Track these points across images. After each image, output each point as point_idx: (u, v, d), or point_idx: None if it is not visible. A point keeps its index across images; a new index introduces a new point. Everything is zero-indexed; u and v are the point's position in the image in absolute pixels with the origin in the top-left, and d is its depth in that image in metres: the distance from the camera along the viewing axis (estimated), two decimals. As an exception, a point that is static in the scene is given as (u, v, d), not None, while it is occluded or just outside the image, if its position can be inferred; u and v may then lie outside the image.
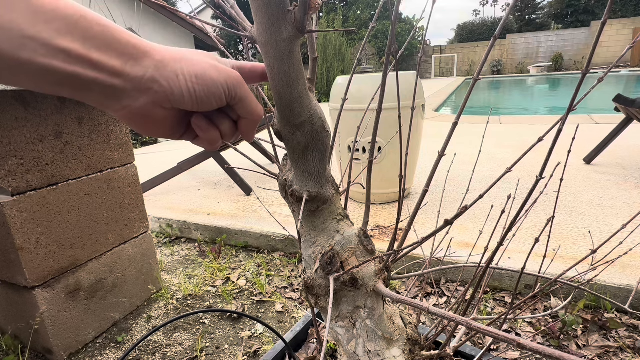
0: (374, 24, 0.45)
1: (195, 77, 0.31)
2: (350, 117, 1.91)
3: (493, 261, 0.49)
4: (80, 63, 0.25)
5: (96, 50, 0.25)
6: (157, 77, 0.29)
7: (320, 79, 9.92)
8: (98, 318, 1.27)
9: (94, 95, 0.27)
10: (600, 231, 1.56)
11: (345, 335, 0.51)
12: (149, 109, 0.30)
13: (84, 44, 0.25)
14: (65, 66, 0.24)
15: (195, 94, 0.31)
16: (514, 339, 0.31)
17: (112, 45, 0.26)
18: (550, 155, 0.39)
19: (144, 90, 0.29)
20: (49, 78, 0.24)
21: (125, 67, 0.27)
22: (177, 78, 0.30)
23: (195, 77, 0.31)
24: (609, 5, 0.33)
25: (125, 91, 0.28)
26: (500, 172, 2.35)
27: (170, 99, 0.30)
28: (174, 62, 0.30)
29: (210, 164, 2.96)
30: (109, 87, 0.27)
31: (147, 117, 0.31)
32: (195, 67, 0.31)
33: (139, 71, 0.28)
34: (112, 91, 0.27)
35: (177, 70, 0.30)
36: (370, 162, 0.51)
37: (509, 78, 15.02)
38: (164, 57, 0.30)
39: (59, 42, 0.24)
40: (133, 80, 0.28)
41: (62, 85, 0.25)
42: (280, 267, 1.67)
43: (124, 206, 1.34)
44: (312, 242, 0.50)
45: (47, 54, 0.23)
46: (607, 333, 1.12)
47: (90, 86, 0.26)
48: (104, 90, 0.27)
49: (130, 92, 0.28)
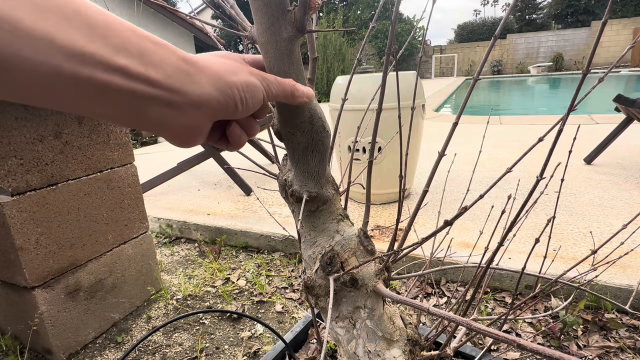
0: (374, 23, 0.44)
1: (245, 86, 0.30)
2: (350, 117, 1.91)
3: (493, 261, 0.49)
4: (139, 81, 0.24)
5: (153, 67, 0.25)
6: (213, 92, 0.28)
7: (320, 79, 9.92)
8: (98, 318, 1.27)
9: (150, 115, 0.26)
10: (601, 231, 1.56)
11: (345, 336, 0.51)
12: (199, 124, 0.29)
13: (141, 61, 0.24)
14: (124, 83, 0.23)
15: (245, 104, 0.31)
16: (514, 340, 0.31)
17: (165, 61, 0.25)
18: (550, 156, 0.39)
19: (200, 106, 0.28)
20: (106, 97, 0.23)
21: (183, 84, 0.26)
22: (231, 91, 0.29)
23: (245, 86, 0.30)
24: (610, 5, 0.33)
25: (182, 108, 0.27)
26: (500, 172, 2.35)
27: (224, 113, 0.30)
28: (227, 75, 0.29)
29: (210, 164, 2.96)
30: (166, 105, 0.26)
31: (194, 131, 0.29)
32: (242, 77, 0.30)
33: (196, 89, 0.27)
34: (168, 110, 0.26)
35: (231, 84, 0.29)
36: (370, 162, 0.51)
37: (509, 78, 15.01)
38: (217, 71, 0.29)
39: (116, 59, 0.23)
40: (191, 97, 0.27)
41: (117, 105, 0.24)
42: (280, 268, 1.67)
43: (124, 206, 1.34)
44: (312, 242, 0.50)
45: (106, 71, 0.22)
46: (607, 333, 1.12)
47: (148, 105, 0.25)
48: (160, 109, 0.26)
49: (186, 109, 0.27)
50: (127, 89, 0.24)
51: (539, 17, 22.39)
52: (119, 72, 0.23)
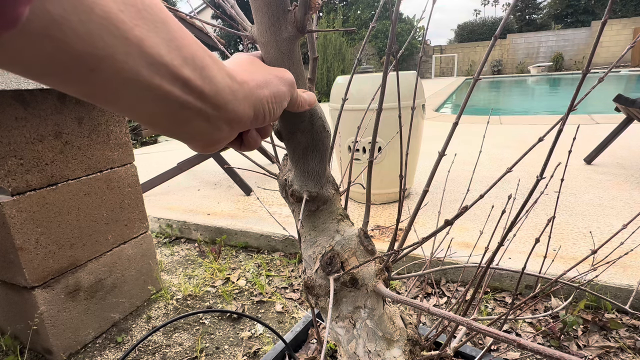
0: (374, 23, 0.44)
1: (274, 98, 0.30)
2: (350, 117, 1.91)
3: (493, 261, 0.49)
4: (194, 94, 0.24)
5: (209, 82, 0.25)
6: (247, 109, 0.28)
7: (320, 79, 9.92)
8: (98, 318, 1.27)
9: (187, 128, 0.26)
10: (601, 231, 1.56)
11: (346, 336, 0.51)
12: (227, 137, 0.29)
13: (201, 75, 0.24)
14: (180, 95, 0.23)
15: (273, 114, 0.31)
16: (514, 339, 0.31)
17: (218, 77, 0.25)
18: (550, 156, 0.39)
19: (233, 122, 0.28)
20: (160, 105, 0.23)
21: (227, 102, 0.26)
22: (262, 105, 0.29)
23: (274, 98, 0.30)
24: (610, 5, 0.33)
25: (216, 124, 0.27)
26: (500, 172, 2.35)
27: (252, 124, 0.30)
28: (258, 89, 0.29)
29: (210, 164, 2.96)
30: (204, 120, 0.26)
31: (220, 143, 0.29)
32: (273, 89, 0.30)
33: (235, 106, 0.27)
34: (204, 124, 0.26)
35: (262, 99, 0.29)
36: (370, 162, 0.51)
37: (510, 78, 15.02)
38: (250, 86, 0.29)
39: (183, 70, 0.23)
40: (228, 114, 0.27)
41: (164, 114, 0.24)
42: (280, 268, 1.67)
43: (124, 206, 1.34)
44: (312, 242, 0.50)
45: (172, 81, 0.22)
46: (607, 333, 1.12)
47: (191, 119, 0.25)
48: (199, 123, 0.26)
49: (220, 125, 0.27)
50: (182, 101, 0.24)
51: (539, 17, 22.40)
52: (182, 83, 0.23)
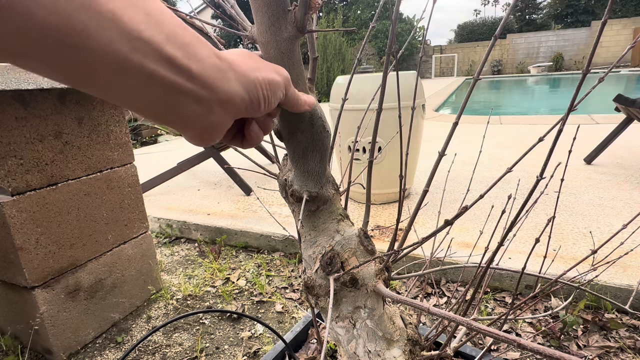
0: (374, 23, 0.44)
1: (268, 84, 0.30)
2: (350, 117, 1.91)
3: (493, 261, 0.49)
4: (181, 74, 0.23)
5: (195, 60, 0.24)
6: (239, 90, 0.28)
7: (320, 79, 9.92)
8: (98, 318, 1.27)
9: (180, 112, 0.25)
10: (601, 231, 1.56)
11: (346, 336, 0.51)
12: (223, 122, 0.28)
13: (186, 53, 0.23)
14: (167, 75, 0.23)
15: (268, 101, 0.30)
16: (514, 339, 0.31)
17: (204, 55, 0.25)
18: (550, 156, 0.39)
19: (226, 103, 0.27)
20: (146, 87, 0.23)
21: (215, 80, 0.25)
22: (256, 88, 0.29)
23: (268, 84, 0.30)
24: (610, 5, 0.33)
25: (209, 106, 0.26)
26: (500, 172, 2.35)
27: (248, 111, 0.29)
28: (251, 72, 0.29)
29: (210, 164, 2.96)
30: (196, 102, 0.25)
31: (216, 130, 0.28)
32: (265, 74, 0.30)
33: (225, 85, 0.26)
34: (197, 107, 0.25)
35: (255, 81, 0.29)
36: (370, 162, 0.51)
37: (510, 78, 15.01)
38: (242, 68, 0.28)
39: (167, 48, 0.22)
40: (220, 94, 0.26)
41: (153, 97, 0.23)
42: (280, 268, 1.67)
43: (124, 206, 1.34)
44: (312, 242, 0.50)
45: (156, 59, 0.22)
46: (607, 333, 1.12)
47: (181, 101, 0.24)
48: (191, 107, 0.25)
49: (213, 107, 0.26)
50: (168, 81, 0.23)
51: (539, 17, 22.40)
52: (166, 62, 0.22)
